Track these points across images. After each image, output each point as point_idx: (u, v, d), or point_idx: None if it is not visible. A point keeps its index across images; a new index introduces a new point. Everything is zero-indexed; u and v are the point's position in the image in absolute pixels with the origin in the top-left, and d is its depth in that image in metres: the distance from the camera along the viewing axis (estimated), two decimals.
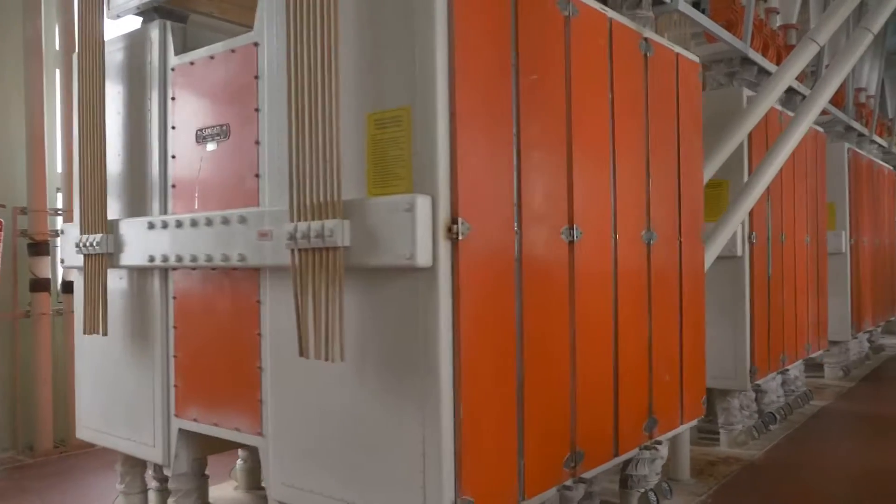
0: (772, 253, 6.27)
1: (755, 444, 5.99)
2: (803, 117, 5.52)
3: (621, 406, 3.70)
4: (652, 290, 4.01)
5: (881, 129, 11.62)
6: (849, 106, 9.58)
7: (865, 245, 9.87)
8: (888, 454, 6.07)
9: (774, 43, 6.83)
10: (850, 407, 7.67)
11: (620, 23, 3.81)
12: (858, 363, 9.87)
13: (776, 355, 6.36)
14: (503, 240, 2.94)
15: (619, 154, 3.71)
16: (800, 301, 6.98)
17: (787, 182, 6.64)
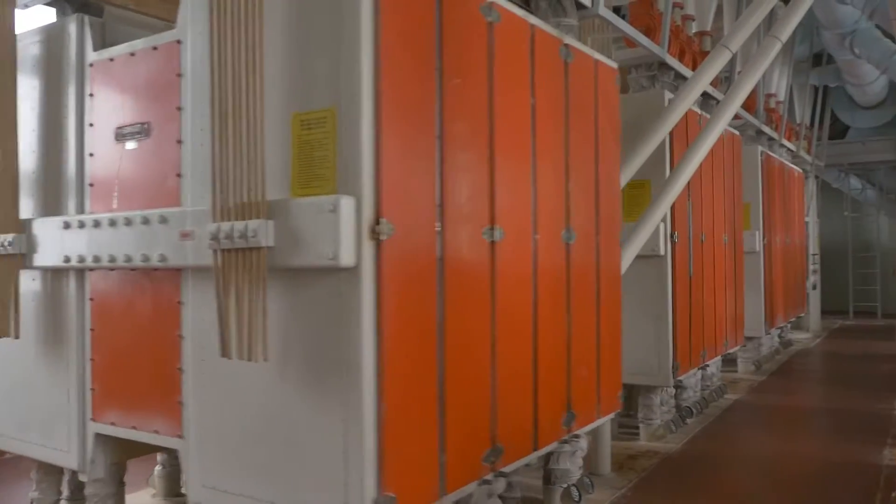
0: (693, 252, 6.49)
1: (673, 438, 6.19)
2: (717, 120, 5.75)
3: (540, 401, 3.78)
4: (571, 288, 4.11)
5: (790, 134, 12.17)
6: (760, 111, 10.00)
7: (777, 244, 10.33)
8: (794, 443, 6.38)
9: (690, 49, 7.07)
10: (761, 400, 8.02)
11: (542, 29, 3.90)
12: (769, 357, 10.32)
13: (697, 352, 6.58)
14: (426, 240, 2.98)
15: (539, 156, 3.80)
16: (719, 298, 7.25)
17: (706, 183, 6.89)
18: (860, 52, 11.01)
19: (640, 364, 5.90)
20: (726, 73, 8.20)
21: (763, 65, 6.05)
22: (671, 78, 6.49)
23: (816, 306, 14.06)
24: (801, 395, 8.63)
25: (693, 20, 7.49)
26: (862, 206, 17.31)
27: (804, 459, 5.81)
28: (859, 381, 8.93)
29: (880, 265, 16.76)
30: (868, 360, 10.47)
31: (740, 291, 8.15)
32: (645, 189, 5.94)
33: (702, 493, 4.98)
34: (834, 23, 10.55)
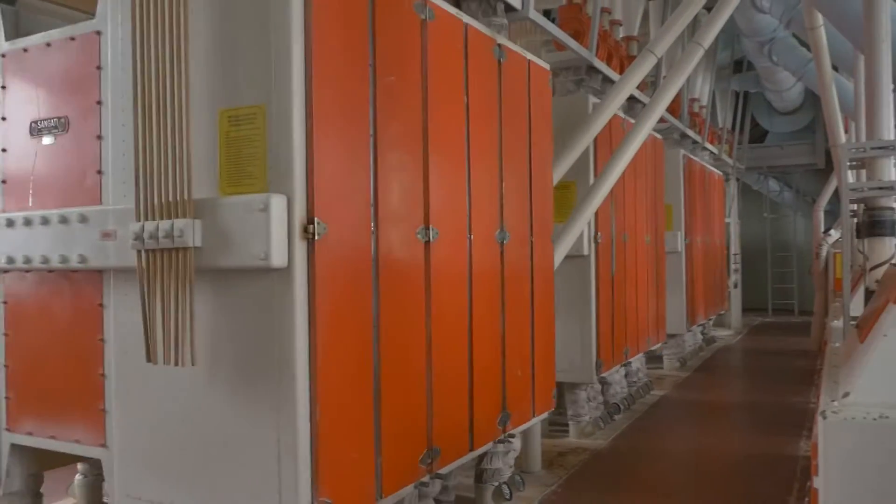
0: (616, 252, 6.63)
1: (601, 434, 6.31)
2: (643, 124, 5.87)
3: (476, 402, 3.79)
4: (505, 288, 4.14)
5: (712, 137, 12.57)
6: (684, 115, 10.29)
7: (698, 244, 10.65)
8: (717, 437, 6.59)
9: (618, 53, 7.21)
10: (686, 395, 8.25)
11: (476, 28, 3.91)
12: (693, 354, 10.63)
13: (620, 349, 6.73)
14: (360, 240, 2.94)
15: (473, 156, 3.80)
16: (641, 297, 7.42)
17: (629, 185, 7.04)
18: (778, 59, 11.45)
19: (565, 361, 5.99)
20: (652, 77, 8.41)
21: (687, 70, 6.20)
22: (599, 81, 6.61)
23: (738, 304, 14.57)
24: (724, 390, 8.91)
25: (621, 25, 7.64)
26: (780, 208, 18.02)
27: (726, 452, 6.00)
28: (777, 376, 9.28)
29: (797, 264, 17.49)
30: (785, 356, 10.90)
31: (662, 290, 8.37)
32: (571, 190, 6.05)
33: (629, 487, 5.09)
34: (753, 31, 10.95)
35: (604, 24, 7.00)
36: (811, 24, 8.14)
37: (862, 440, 2.00)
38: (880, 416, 1.99)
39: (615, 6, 7.50)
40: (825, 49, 8.17)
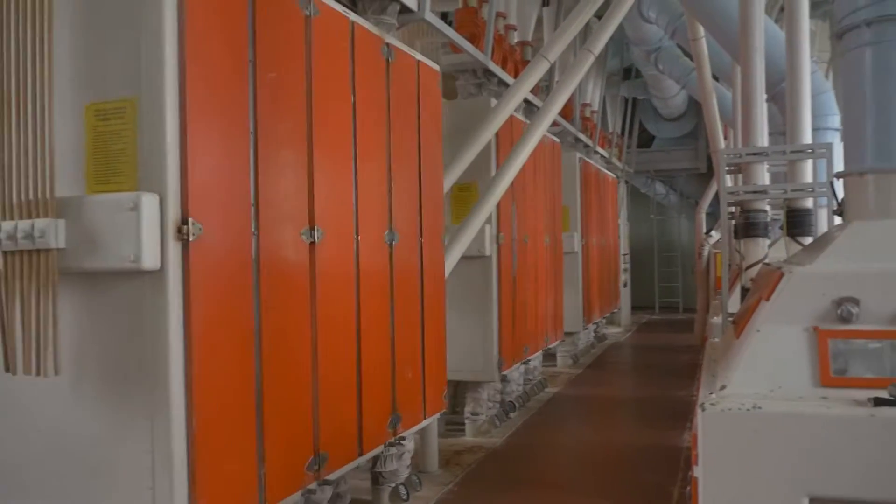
0: (517, 253, 6.72)
1: (497, 432, 6.38)
2: (536, 127, 5.97)
3: (365, 405, 3.75)
4: (394, 289, 4.10)
5: (603, 142, 12.96)
6: (576, 119, 10.55)
7: (594, 245, 10.95)
8: (608, 431, 6.78)
9: (512, 57, 7.31)
10: (578, 391, 8.45)
11: (363, 26, 3.85)
12: (586, 351, 10.92)
13: (520, 347, 6.83)
14: (239, 241, 2.84)
15: (361, 156, 3.75)
16: (541, 297, 7.56)
17: (529, 187, 7.16)
18: (663, 68, 11.93)
19: (466, 361, 6.04)
20: (546, 81, 8.57)
21: (578, 75, 6.35)
22: (495, 84, 6.68)
23: (627, 302, 15.08)
24: (614, 386, 9.18)
25: (515, 30, 7.75)
26: (666, 210, 18.78)
27: (616, 445, 6.18)
28: (664, 371, 9.64)
29: (681, 264, 18.27)
30: (671, 352, 11.34)
31: (560, 290, 8.56)
32: (472, 191, 6.09)
33: (524, 483, 5.16)
34: (641, 40, 11.36)
35: (499, 29, 7.08)
36: (693, 36, 8.51)
37: (737, 430, 2.07)
38: (754, 406, 2.07)
39: (510, 11, 7.60)
40: (706, 59, 8.56)
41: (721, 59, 8.04)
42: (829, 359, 2.16)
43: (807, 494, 2.02)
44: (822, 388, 2.13)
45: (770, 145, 5.70)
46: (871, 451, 1.97)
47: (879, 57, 2.56)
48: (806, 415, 2.03)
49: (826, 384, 2.13)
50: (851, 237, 2.46)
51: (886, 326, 2.17)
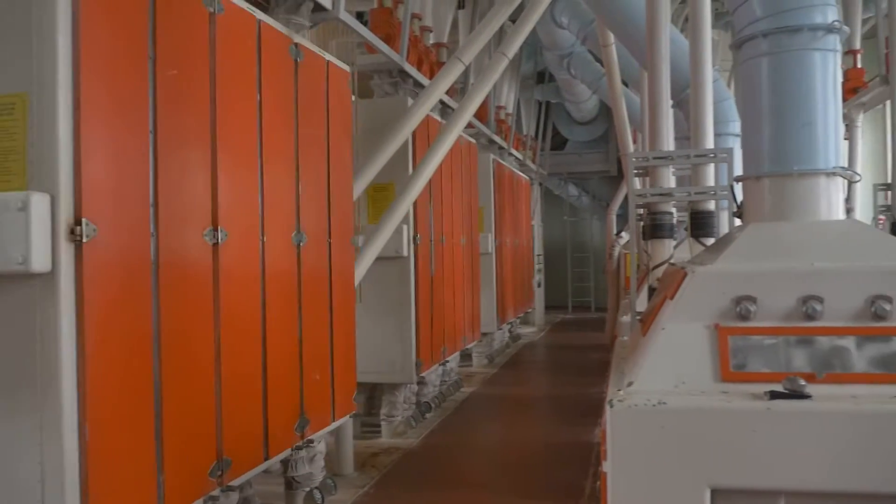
0: (434, 253, 6.72)
1: (413, 433, 6.37)
2: (451, 128, 5.98)
3: (271, 408, 3.67)
4: (302, 291, 4.03)
5: (518, 144, 13.14)
6: (491, 121, 10.66)
7: (508, 246, 11.08)
8: (522, 429, 6.88)
9: (428, 59, 7.32)
10: (494, 391, 8.54)
11: (270, 25, 3.77)
12: (501, 351, 11.04)
13: (438, 348, 6.84)
14: (137, 242, 2.73)
15: (267, 156, 3.67)
16: (458, 297, 7.59)
17: (446, 188, 7.18)
18: (576, 72, 12.19)
19: (384, 363, 6.00)
20: (461, 83, 8.63)
21: (492, 78, 6.41)
22: (411, 85, 6.68)
23: (541, 302, 15.34)
24: (528, 385, 9.32)
25: (431, 31, 7.76)
26: (578, 212, 19.22)
27: (531, 443, 6.28)
28: (577, 369, 9.84)
29: (593, 264, 18.72)
30: (584, 350, 11.60)
31: (476, 290, 8.62)
32: (389, 191, 6.05)
33: (439, 483, 5.17)
34: (554, 44, 11.58)
35: (414, 30, 7.08)
36: (604, 42, 8.73)
37: (644, 425, 2.12)
38: (659, 402, 2.12)
39: (425, 13, 7.61)
40: (616, 65, 8.78)
41: (630, 65, 8.27)
42: (729, 355, 2.23)
43: (709, 486, 2.09)
44: (722, 383, 2.20)
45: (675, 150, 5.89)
46: (768, 442, 2.05)
47: (775, 67, 2.67)
48: (707, 409, 2.10)
49: (727, 379, 2.20)
50: (749, 238, 2.56)
51: (781, 323, 2.26)
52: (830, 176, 2.61)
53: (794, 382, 2.08)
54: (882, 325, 2.20)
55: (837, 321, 2.24)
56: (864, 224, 2.77)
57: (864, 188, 9.35)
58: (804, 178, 2.60)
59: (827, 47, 2.63)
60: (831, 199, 2.62)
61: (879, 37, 8.71)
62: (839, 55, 2.71)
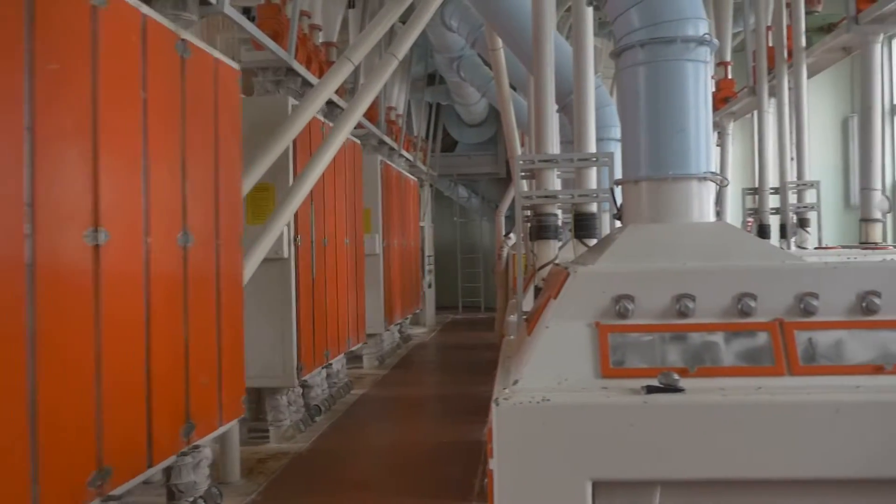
0: (316, 255, 6.64)
1: (303, 437, 6.29)
2: (340, 128, 5.95)
3: (155, 414, 3.55)
4: (188, 293, 3.92)
5: (408, 145, 13.20)
6: (381, 122, 10.66)
7: (395, 247, 11.11)
8: (413, 430, 6.92)
9: (317, 58, 7.24)
10: (384, 392, 8.54)
11: (155, 20, 3.65)
12: (391, 352, 11.06)
13: (321, 351, 6.76)
14: (10, 243, 2.60)
15: (152, 154, 3.55)
16: (341, 299, 7.54)
17: (329, 189, 7.10)
18: (465, 75, 12.37)
19: (265, 367, 5.89)
20: (351, 83, 8.57)
21: (382, 79, 6.41)
22: (298, 84, 6.58)
23: (431, 303, 15.47)
24: (419, 385, 9.37)
25: (320, 30, 7.68)
26: (468, 213, 19.48)
27: (421, 443, 6.32)
28: (467, 369, 9.98)
29: (483, 264, 19.02)
30: (474, 350, 11.77)
31: (361, 291, 8.59)
32: (269, 192, 5.95)
33: (329, 487, 5.13)
34: (444, 47, 11.71)
35: (303, 28, 6.99)
36: (492, 46, 8.90)
37: (528, 422, 2.18)
38: (543, 399, 2.19)
39: (315, 10, 7.52)
40: (504, 70, 8.97)
41: (518, 69, 8.47)
42: (608, 352, 2.33)
43: (590, 478, 2.17)
44: (603, 380, 2.29)
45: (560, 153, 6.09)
46: (645, 434, 2.15)
47: (651, 76, 2.81)
48: (588, 405, 2.18)
49: (606, 375, 2.30)
50: (628, 239, 2.68)
51: (657, 320, 2.38)
52: (702, 180, 2.77)
53: (668, 377, 2.19)
54: (747, 321, 2.35)
55: (708, 318, 2.37)
56: (732, 226, 2.95)
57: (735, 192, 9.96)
58: (678, 182, 2.75)
59: (698, 58, 2.79)
60: (703, 202, 2.78)
61: (748, 50, 9.30)
62: (710, 66, 2.89)
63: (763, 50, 8.23)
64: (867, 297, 2.33)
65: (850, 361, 2.28)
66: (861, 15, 5.83)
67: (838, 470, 2.14)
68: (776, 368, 2.27)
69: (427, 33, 10.93)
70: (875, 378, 2.24)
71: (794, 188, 7.50)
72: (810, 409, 2.14)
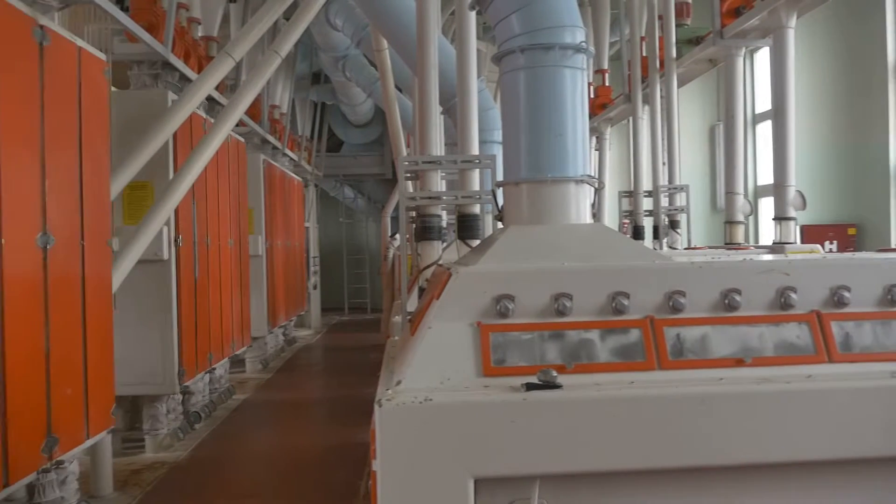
0: (198, 256, 6.42)
1: (181, 445, 6.08)
2: (221, 126, 5.78)
3: (11, 429, 3.32)
4: (49, 298, 3.69)
5: (292, 144, 12.97)
6: (264, 121, 10.43)
7: (279, 247, 10.90)
8: (299, 434, 6.82)
9: (196, 52, 7.00)
10: (269, 396, 8.36)
11: (9, 3, 3.42)
12: (276, 355, 10.85)
13: (204, 356, 6.56)
14: None
15: (5, 148, 3.32)
16: (225, 301, 7.33)
17: (211, 188, 6.89)
18: (351, 75, 12.27)
19: (143, 374, 5.66)
20: (232, 80, 8.34)
21: (264, 76, 6.27)
22: (176, 79, 6.35)
23: (317, 304, 15.27)
24: (305, 389, 9.24)
25: (199, 23, 7.44)
26: (355, 213, 19.36)
27: (307, 447, 6.23)
28: (353, 370, 9.92)
29: (369, 266, 18.95)
30: (360, 351, 11.71)
31: (246, 293, 8.40)
32: (147, 190, 5.71)
33: (210, 496, 4.98)
34: (329, 46, 11.57)
35: (181, 21, 6.75)
36: (377, 47, 8.87)
37: (411, 422, 2.18)
38: (425, 399, 2.19)
39: (193, 3, 7.28)
40: (389, 70, 8.96)
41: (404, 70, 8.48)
42: (490, 351, 2.36)
43: (472, 476, 2.20)
44: (484, 378, 2.32)
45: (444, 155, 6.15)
46: (525, 430, 2.20)
47: (531, 81, 2.88)
48: (469, 403, 2.21)
49: (488, 374, 2.33)
50: (508, 240, 2.73)
51: (536, 319, 2.44)
52: (579, 183, 2.86)
53: (546, 374, 2.25)
54: (621, 319, 2.45)
55: (584, 316, 2.45)
56: (608, 227, 3.06)
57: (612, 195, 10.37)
58: (557, 184, 2.84)
59: (576, 65, 2.89)
60: (580, 205, 2.88)
61: (623, 59, 9.71)
62: (586, 73, 2.99)
63: (637, 59, 8.61)
64: (729, 295, 2.47)
65: (714, 355, 2.41)
66: (725, 29, 6.20)
67: (705, 458, 2.26)
68: (647, 363, 2.38)
69: (311, 31, 10.78)
70: (736, 370, 2.37)
71: (665, 192, 7.89)
72: (678, 401, 2.24)
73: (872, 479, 2.36)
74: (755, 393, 2.28)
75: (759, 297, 2.49)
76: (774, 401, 2.27)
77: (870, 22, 8.35)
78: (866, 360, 2.43)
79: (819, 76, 9.25)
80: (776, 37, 5.51)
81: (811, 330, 2.46)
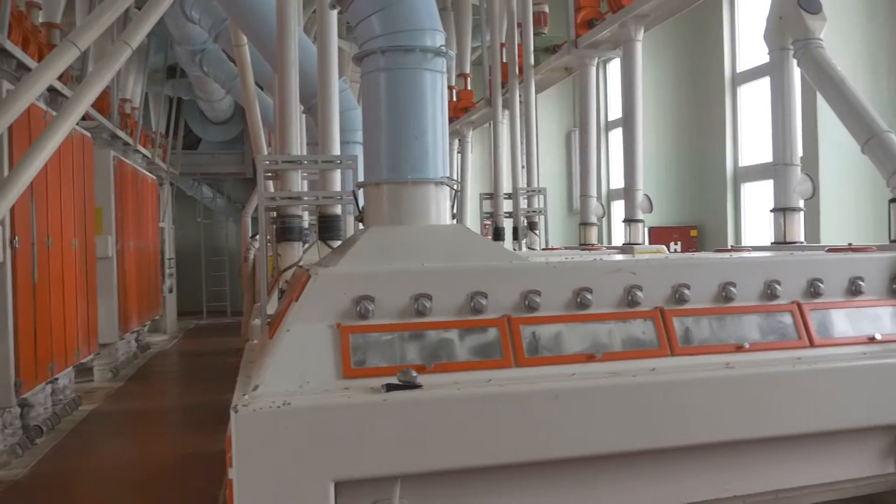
0: (38, 258, 6.01)
1: (20, 462, 5.67)
2: (65, 118, 5.39)
3: None
4: None
5: (145, 141, 12.34)
6: (114, 115, 9.86)
7: (131, 249, 10.35)
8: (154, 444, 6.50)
9: (36, 39, 6.55)
10: (120, 406, 7.92)
11: None
12: (127, 363, 10.29)
13: (44, 365, 6.15)
14: None
15: None
16: (69, 306, 6.89)
17: (53, 185, 6.45)
18: (209, 70, 11.81)
19: None
20: (78, 70, 7.85)
21: (113, 67, 5.91)
22: (13, 67, 5.91)
23: (173, 308, 14.61)
24: (160, 397, 8.83)
25: (40, 9, 6.97)
26: (213, 214, 18.66)
27: (163, 457, 5.96)
28: (212, 376, 9.55)
29: (229, 267, 18.33)
30: (219, 356, 11.30)
31: (93, 298, 7.93)
32: None
33: None
34: (185, 39, 11.07)
35: (18, 5, 6.29)
36: (236, 42, 8.58)
37: (269, 428, 2.13)
38: (284, 403, 2.15)
39: None
40: (249, 66, 8.70)
41: (264, 67, 8.26)
42: (350, 352, 2.35)
43: (333, 479, 2.18)
44: (345, 380, 2.31)
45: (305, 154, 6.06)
46: (386, 431, 2.20)
47: (391, 82, 2.89)
48: (329, 406, 2.19)
49: (348, 376, 2.32)
50: (369, 241, 2.73)
51: (396, 320, 2.45)
52: (439, 185, 2.90)
53: (406, 374, 2.27)
54: (479, 318, 2.51)
55: (444, 316, 2.49)
56: (467, 228, 3.12)
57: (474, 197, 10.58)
58: (417, 186, 2.86)
59: (436, 68, 2.92)
60: (440, 206, 2.92)
61: (485, 64, 9.93)
62: (446, 76, 3.03)
63: (498, 65, 8.83)
64: (581, 293, 2.59)
65: (567, 352, 2.52)
66: (579, 39, 6.48)
67: (561, 450, 2.35)
68: (505, 361, 2.45)
69: (166, 22, 10.30)
70: (587, 366, 2.49)
71: (524, 194, 8.13)
72: (534, 397, 2.33)
73: (705, 463, 2.55)
74: (604, 387, 2.40)
75: (608, 295, 2.63)
76: (622, 393, 2.41)
77: (709, 38, 9.00)
78: (704, 353, 2.62)
79: (664, 87, 9.88)
80: (625, 48, 5.81)
81: (655, 326, 2.62)
